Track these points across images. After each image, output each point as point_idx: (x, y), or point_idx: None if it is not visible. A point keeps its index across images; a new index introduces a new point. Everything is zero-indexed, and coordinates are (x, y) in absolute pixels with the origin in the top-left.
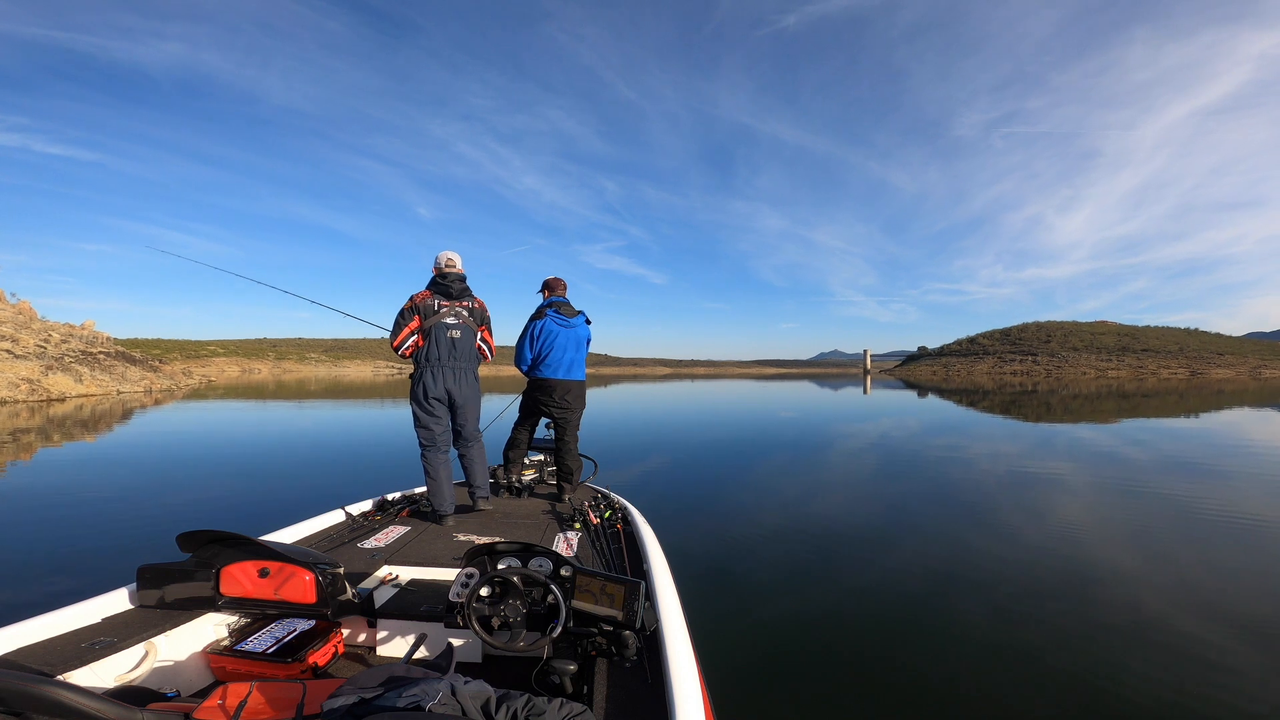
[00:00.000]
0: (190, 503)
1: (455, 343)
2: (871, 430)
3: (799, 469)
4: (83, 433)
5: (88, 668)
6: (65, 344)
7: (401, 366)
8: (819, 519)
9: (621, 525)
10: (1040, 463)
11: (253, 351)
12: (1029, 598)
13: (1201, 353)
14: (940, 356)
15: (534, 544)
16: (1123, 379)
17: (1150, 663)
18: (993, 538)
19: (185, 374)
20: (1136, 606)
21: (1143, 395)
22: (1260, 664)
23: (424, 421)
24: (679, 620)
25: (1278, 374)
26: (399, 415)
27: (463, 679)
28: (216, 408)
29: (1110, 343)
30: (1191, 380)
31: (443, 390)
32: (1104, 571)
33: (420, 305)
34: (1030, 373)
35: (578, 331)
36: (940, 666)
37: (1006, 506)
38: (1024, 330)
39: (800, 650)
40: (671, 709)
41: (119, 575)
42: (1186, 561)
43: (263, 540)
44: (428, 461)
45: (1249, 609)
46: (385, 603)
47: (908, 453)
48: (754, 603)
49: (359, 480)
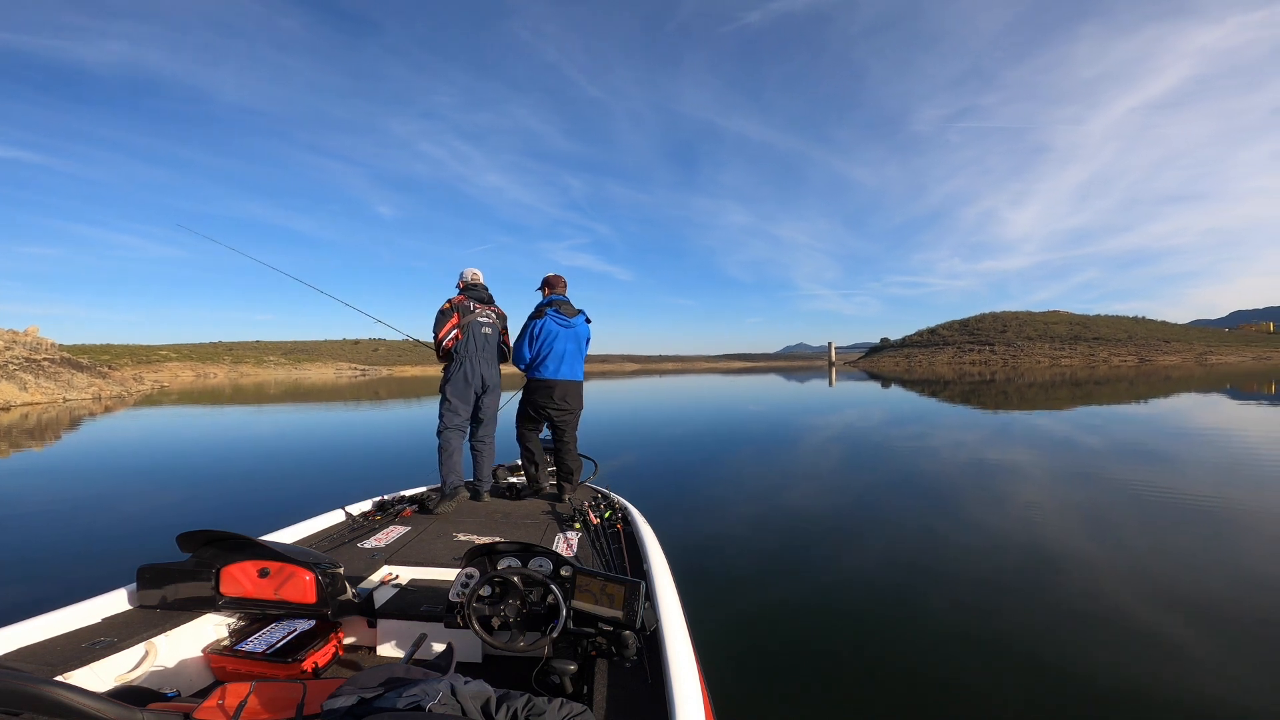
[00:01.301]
0: (174, 504)
1: (487, 339)
2: (837, 422)
3: (781, 465)
4: (30, 441)
5: (88, 668)
6: (8, 351)
7: (365, 368)
8: (816, 519)
9: (621, 525)
10: (1001, 451)
11: (208, 355)
12: (1011, 589)
13: (1149, 340)
14: (902, 348)
15: (534, 544)
16: (1075, 367)
17: (1110, 648)
18: (980, 529)
19: (136, 379)
20: (1094, 593)
21: (1095, 382)
22: (1213, 647)
23: (455, 406)
24: (679, 620)
25: (1222, 360)
26: (360, 418)
27: (463, 679)
28: (169, 414)
29: (1063, 331)
30: (1141, 367)
31: (479, 378)
32: (1063, 558)
33: (459, 305)
34: (988, 362)
35: (577, 331)
36: (939, 664)
37: (996, 497)
38: (981, 321)
39: (801, 649)
40: (671, 709)
41: (111, 578)
42: (1140, 547)
43: (263, 540)
44: (447, 440)
45: (1200, 593)
46: (385, 603)
47: (875, 445)
48: (754, 602)
49: (354, 483)
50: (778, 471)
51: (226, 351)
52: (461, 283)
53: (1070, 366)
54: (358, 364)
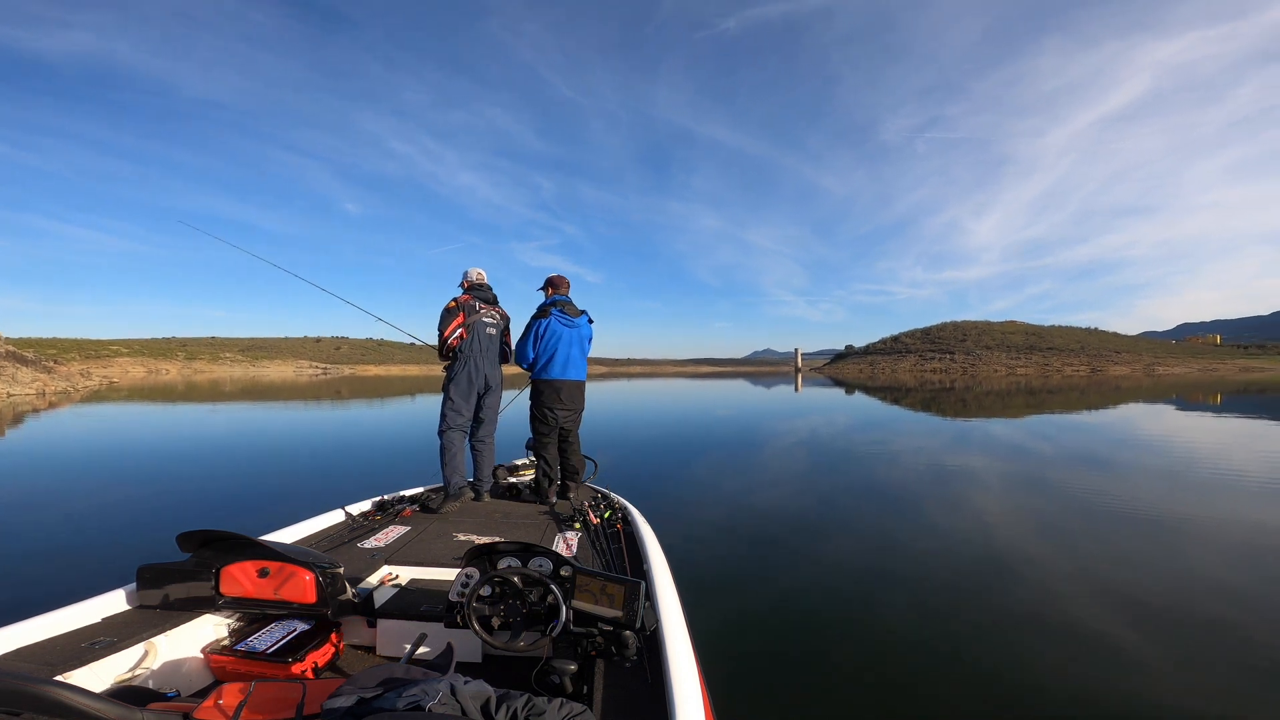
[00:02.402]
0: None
1: (491, 339)
2: (802, 427)
3: (763, 466)
4: None
5: (88, 668)
6: None
7: (326, 367)
8: (811, 516)
9: (621, 525)
10: (962, 458)
11: (160, 351)
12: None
13: (1101, 351)
14: (866, 355)
15: (534, 544)
16: (1030, 376)
17: (1061, 651)
18: (971, 532)
19: (84, 375)
20: (1046, 597)
21: (1048, 391)
22: (1158, 649)
23: (458, 405)
24: (679, 620)
25: (1170, 371)
26: (361, 418)
27: (463, 679)
28: (115, 412)
29: (1019, 341)
30: (1092, 377)
31: (482, 378)
32: (1016, 562)
33: (464, 305)
34: (948, 370)
35: (580, 331)
36: (939, 662)
37: (985, 507)
38: (942, 330)
39: (801, 649)
40: (671, 709)
41: (111, 579)
42: (1089, 552)
43: (263, 540)
44: (449, 440)
45: (1145, 596)
46: (385, 603)
47: (843, 451)
48: (754, 602)
49: (354, 483)
50: (767, 474)
51: (180, 347)
52: (466, 282)
53: (1026, 375)
54: (319, 362)
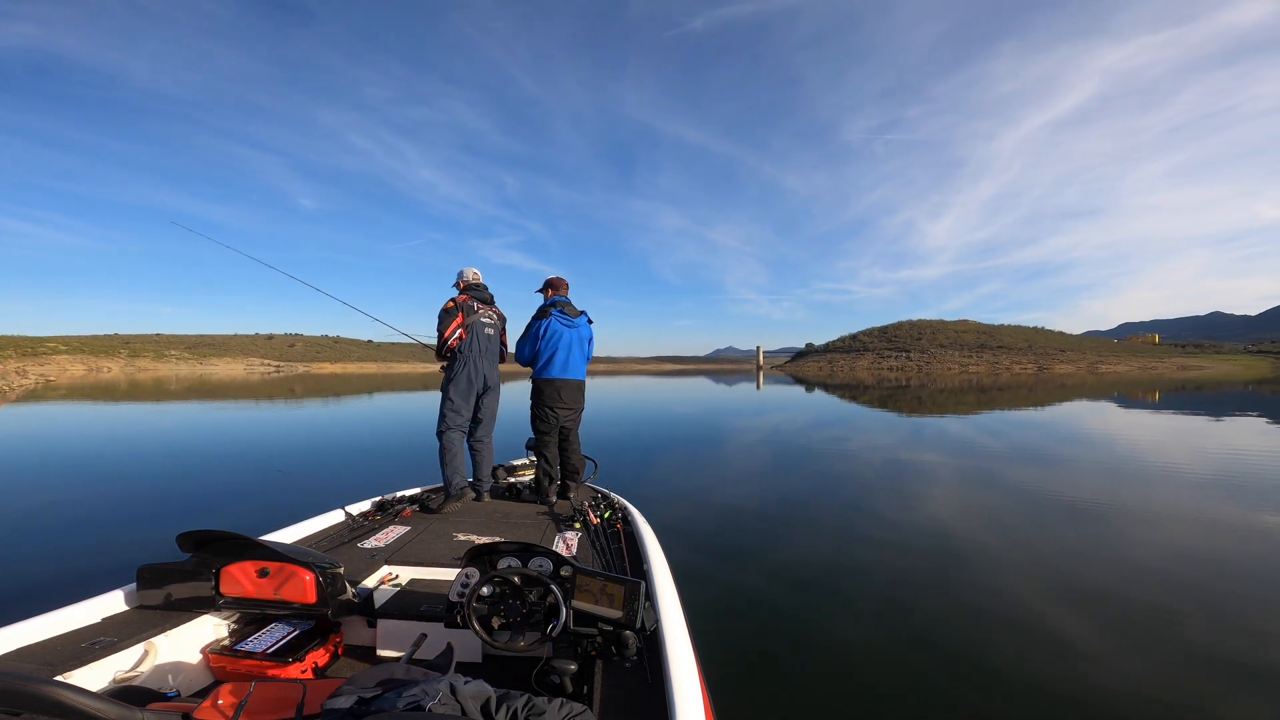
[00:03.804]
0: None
1: (489, 339)
2: (763, 425)
3: (720, 461)
4: None
5: (88, 668)
6: None
7: (279, 365)
8: (806, 518)
9: (621, 525)
10: (917, 454)
11: (102, 348)
12: None
13: (1047, 349)
14: (826, 353)
15: (534, 544)
16: (981, 374)
17: (1013, 642)
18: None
19: (19, 373)
20: (998, 589)
21: (998, 389)
22: (1102, 637)
23: (457, 406)
24: (679, 620)
25: (1112, 369)
26: (359, 418)
27: (463, 679)
28: (54, 413)
29: (971, 340)
30: (1039, 375)
31: (481, 378)
32: (969, 555)
33: (463, 305)
34: (904, 368)
35: (580, 331)
36: (939, 662)
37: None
38: (899, 328)
39: (801, 649)
40: (671, 709)
41: (111, 579)
42: (1038, 545)
43: (263, 540)
44: (449, 440)
45: (1092, 586)
46: (385, 603)
47: (803, 449)
48: (754, 602)
49: (354, 483)
50: (731, 470)
51: (123, 344)
52: (462, 282)
53: (977, 373)
54: (272, 360)
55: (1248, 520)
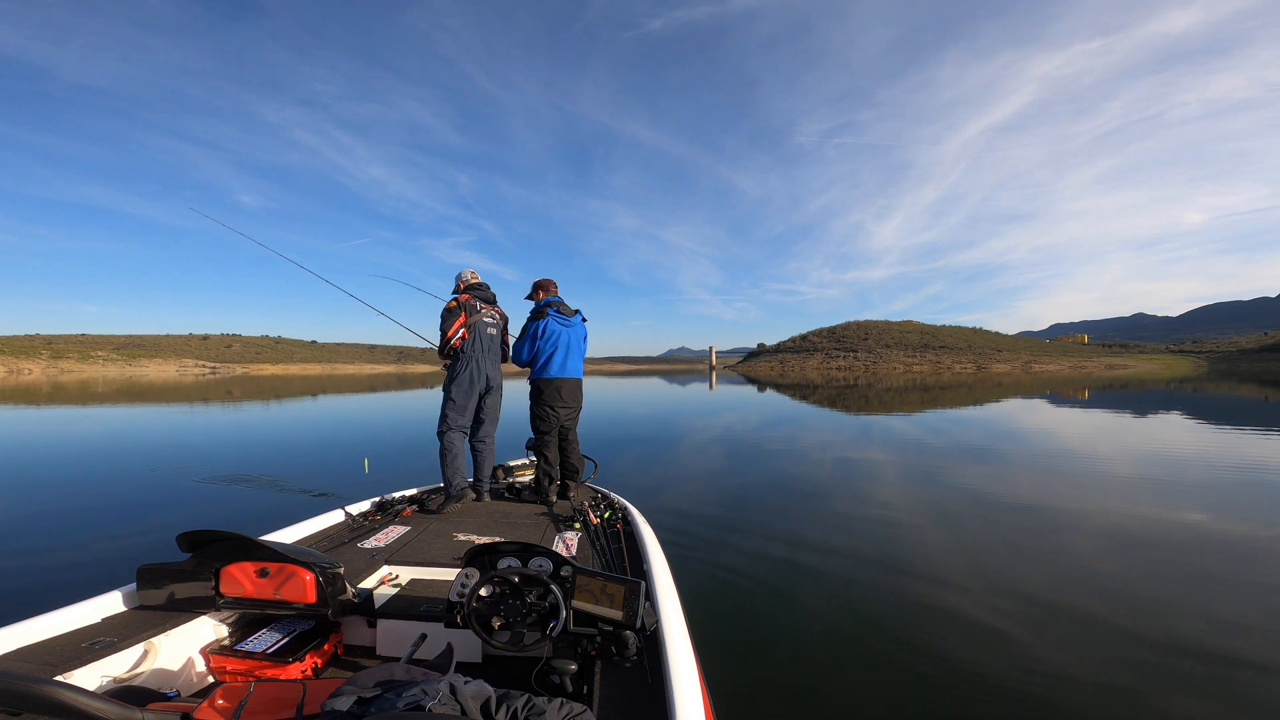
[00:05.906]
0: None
1: (492, 339)
2: (718, 424)
3: (672, 461)
4: None
5: (88, 668)
6: None
7: (216, 366)
8: (803, 517)
9: (621, 525)
10: (867, 451)
11: (21, 349)
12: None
13: (985, 349)
14: (777, 353)
15: (534, 544)
16: (924, 374)
17: (958, 639)
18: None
19: None
20: (943, 586)
21: (940, 388)
22: (1039, 631)
23: (459, 406)
24: (679, 620)
25: (1045, 368)
26: (359, 418)
27: (463, 679)
28: None
29: (915, 340)
30: (977, 374)
31: (484, 378)
32: (914, 553)
33: (465, 305)
34: (852, 368)
35: (576, 330)
36: (938, 664)
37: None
38: (847, 329)
39: (802, 648)
40: (671, 709)
41: (107, 580)
42: (979, 541)
43: (263, 540)
44: (450, 441)
45: (1028, 581)
46: (385, 603)
47: (752, 449)
48: (754, 602)
49: (354, 483)
50: (681, 469)
51: (45, 345)
52: (461, 283)
53: (921, 373)
54: (207, 361)
55: (1169, 517)
